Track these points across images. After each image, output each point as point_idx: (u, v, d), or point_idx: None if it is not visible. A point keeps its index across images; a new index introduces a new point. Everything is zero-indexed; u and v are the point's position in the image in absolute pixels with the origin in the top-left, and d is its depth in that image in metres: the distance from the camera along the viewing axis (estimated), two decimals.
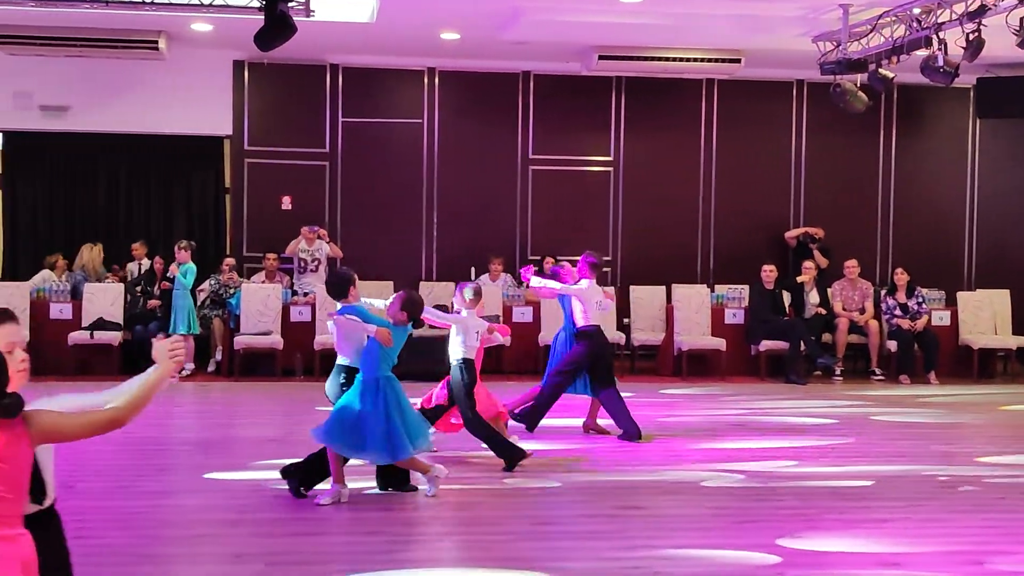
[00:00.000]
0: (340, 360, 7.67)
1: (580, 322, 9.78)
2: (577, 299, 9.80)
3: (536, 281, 10.07)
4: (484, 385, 8.79)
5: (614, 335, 14.23)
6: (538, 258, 14.44)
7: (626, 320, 14.61)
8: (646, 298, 14.74)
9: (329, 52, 14.65)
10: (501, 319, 13.95)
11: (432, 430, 8.05)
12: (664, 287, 14.80)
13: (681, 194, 15.62)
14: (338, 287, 7.63)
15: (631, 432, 9.71)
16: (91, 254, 14.05)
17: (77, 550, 6.26)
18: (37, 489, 3.58)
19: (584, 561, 6.10)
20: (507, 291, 14.40)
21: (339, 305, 7.60)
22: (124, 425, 3.53)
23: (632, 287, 14.78)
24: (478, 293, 8.73)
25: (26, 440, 3.37)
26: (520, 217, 15.37)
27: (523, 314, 14.13)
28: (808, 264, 14.55)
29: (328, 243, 14.33)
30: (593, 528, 6.89)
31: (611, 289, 10.41)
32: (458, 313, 8.67)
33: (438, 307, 9.36)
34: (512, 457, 8.47)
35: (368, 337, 7.42)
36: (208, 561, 6.21)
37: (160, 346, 3.74)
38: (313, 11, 11.62)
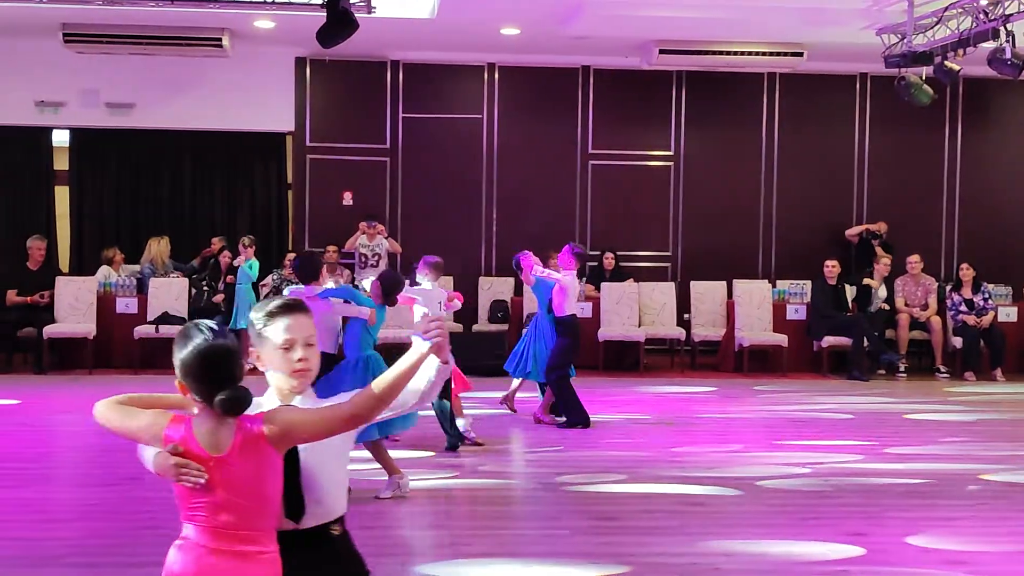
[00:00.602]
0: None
1: (562, 311, 10.07)
2: (561, 288, 10.06)
3: (539, 271, 10.32)
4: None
5: (674, 330, 14.20)
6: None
7: (686, 315, 14.54)
8: (707, 293, 14.66)
9: (389, 48, 14.71)
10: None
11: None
12: (725, 282, 14.70)
13: (742, 188, 15.51)
14: (308, 270, 7.73)
15: (579, 420, 9.92)
16: (159, 247, 14.22)
17: (155, 539, 6.40)
18: (292, 503, 3.03)
19: (645, 556, 6.08)
20: None
21: (322, 288, 7.64)
22: (368, 421, 2.99)
23: (693, 282, 14.70)
24: (438, 267, 9.20)
25: (264, 442, 2.91)
26: (579, 212, 15.35)
27: (582, 309, 14.08)
28: (885, 260, 14.35)
29: (386, 238, 14.41)
30: (653, 524, 6.86)
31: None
32: (419, 286, 9.04)
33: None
34: (456, 440, 8.80)
35: (351, 319, 7.49)
36: None
37: (423, 320, 3.03)
38: (374, 8, 11.68)
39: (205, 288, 14.11)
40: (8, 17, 13.18)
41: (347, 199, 14.95)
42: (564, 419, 10.07)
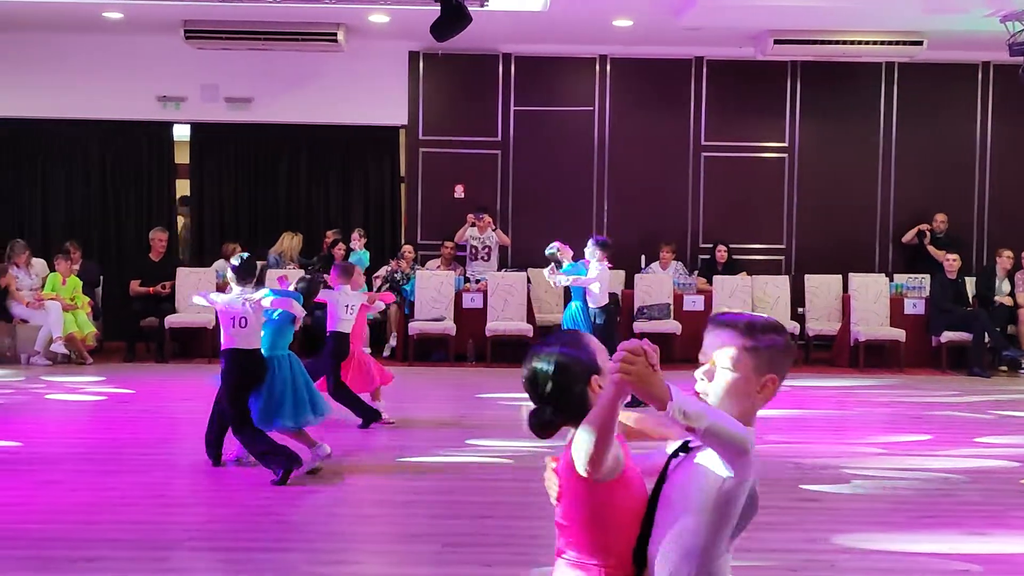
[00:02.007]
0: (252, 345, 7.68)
1: (601, 301, 10.85)
2: (598, 281, 10.82)
3: (564, 280, 11.19)
4: (371, 358, 10.01)
5: (788, 324, 14.00)
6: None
7: (800, 309, 14.34)
8: (821, 287, 14.43)
9: (502, 41, 14.77)
10: (672, 308, 13.89)
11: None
12: (840, 276, 14.46)
13: (858, 181, 15.23)
14: (247, 270, 7.77)
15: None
16: (291, 242, 14.49)
17: (270, 525, 6.54)
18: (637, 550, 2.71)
19: (760, 552, 6.01)
20: (678, 279, 14.29)
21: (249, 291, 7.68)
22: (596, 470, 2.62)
23: (807, 276, 14.49)
24: (347, 271, 9.58)
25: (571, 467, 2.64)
26: (691, 204, 15.23)
27: (694, 303, 14.02)
28: (952, 256, 13.99)
29: (494, 230, 14.46)
30: (769, 519, 6.75)
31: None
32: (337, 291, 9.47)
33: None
34: (369, 417, 9.44)
35: (274, 319, 7.81)
36: (386, 540, 6.34)
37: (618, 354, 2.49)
38: (487, 1, 11.71)
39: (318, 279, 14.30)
40: (133, 15, 13.54)
41: (458, 192, 15.06)
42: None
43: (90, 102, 14.63)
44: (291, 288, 8.16)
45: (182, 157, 15.55)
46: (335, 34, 13.80)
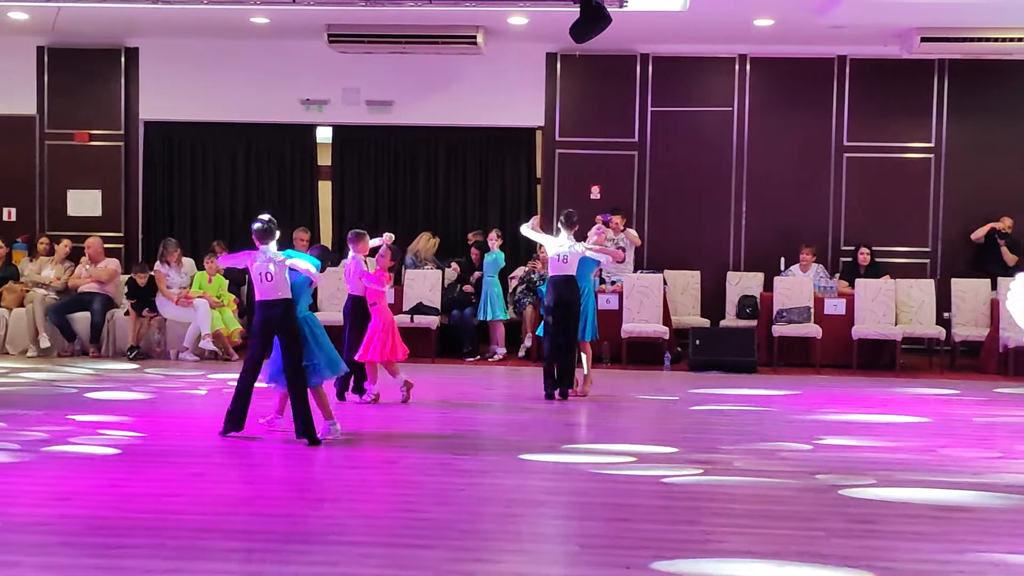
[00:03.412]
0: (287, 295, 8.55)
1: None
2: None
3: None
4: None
5: (933, 329, 13.63)
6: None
7: (946, 314, 13.94)
8: (969, 291, 13.99)
9: (640, 42, 14.69)
10: (812, 311, 13.61)
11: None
12: (988, 280, 14.01)
13: (1008, 182, 14.73)
14: (268, 232, 8.62)
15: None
16: (428, 244, 14.64)
17: (410, 521, 6.59)
18: None
19: (908, 563, 5.84)
20: (818, 282, 14.02)
21: (271, 250, 8.57)
22: None
23: (954, 280, 14.07)
24: (359, 237, 10.44)
25: None
26: (833, 206, 14.92)
27: (835, 307, 13.74)
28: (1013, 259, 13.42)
29: (623, 230, 14.33)
30: (917, 529, 6.58)
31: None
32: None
33: None
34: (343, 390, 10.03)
35: (296, 283, 8.60)
36: (523, 540, 6.28)
37: None
38: (626, 2, 11.66)
39: (455, 280, 14.44)
40: (278, 20, 13.84)
41: (595, 193, 15.02)
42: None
43: (237, 105, 15.02)
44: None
45: (324, 159, 15.84)
46: (474, 37, 13.90)
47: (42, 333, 13.71)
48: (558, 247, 10.89)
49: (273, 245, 8.64)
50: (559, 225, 11.06)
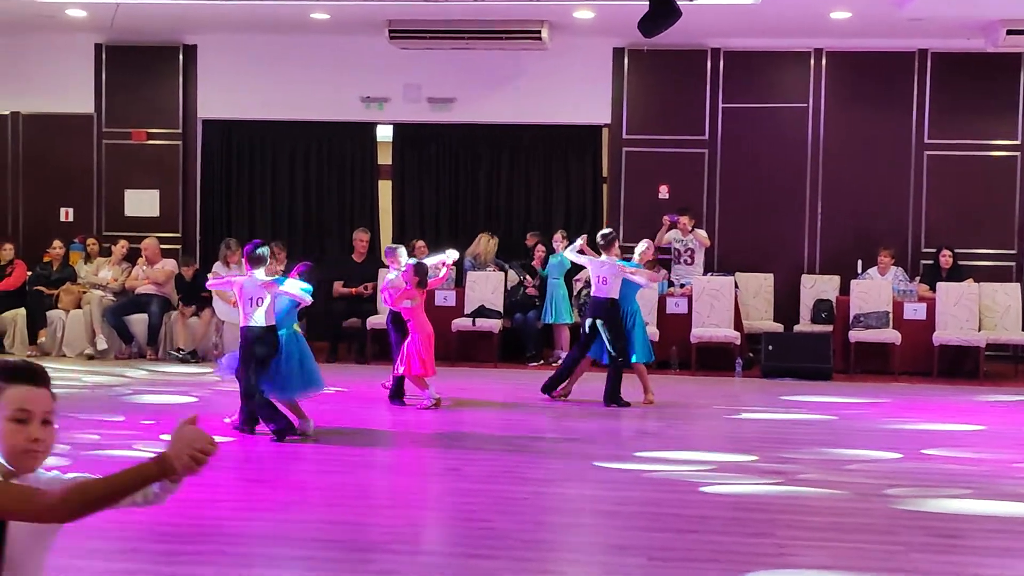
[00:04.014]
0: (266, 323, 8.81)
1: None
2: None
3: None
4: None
5: (1019, 335, 13.07)
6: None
7: None
8: None
9: (710, 36, 14.25)
10: (891, 316, 13.13)
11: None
12: None
13: None
14: (259, 258, 8.91)
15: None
16: (487, 244, 14.31)
17: (471, 531, 6.34)
18: None
19: None
20: (897, 286, 13.48)
21: (261, 277, 8.87)
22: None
23: None
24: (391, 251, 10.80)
25: None
26: (913, 206, 14.34)
27: (915, 311, 13.21)
28: None
29: (691, 231, 13.86)
30: (1004, 544, 6.20)
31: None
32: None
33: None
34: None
35: (285, 303, 8.97)
36: (590, 551, 6.12)
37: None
38: None
39: (519, 282, 14.13)
40: (339, 16, 13.63)
41: (663, 192, 14.58)
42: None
43: (297, 103, 14.80)
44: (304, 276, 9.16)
45: (384, 158, 15.59)
46: (539, 32, 13.57)
47: (99, 335, 13.60)
48: (599, 269, 10.77)
49: (262, 272, 8.94)
50: (600, 246, 11.00)
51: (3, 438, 2.70)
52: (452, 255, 11.18)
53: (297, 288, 8.89)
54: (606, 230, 11.27)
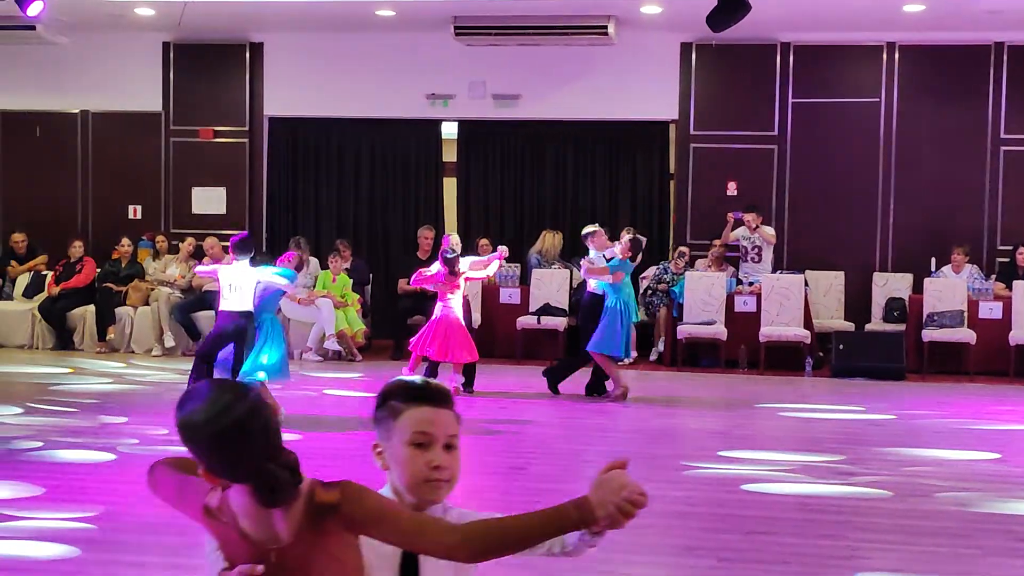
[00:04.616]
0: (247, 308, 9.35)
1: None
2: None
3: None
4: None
5: None
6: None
7: None
8: None
9: (780, 30, 14.01)
10: (965, 315, 12.83)
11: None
12: None
13: None
14: (246, 247, 9.39)
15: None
16: (552, 241, 14.21)
17: None
18: None
19: None
20: (972, 284, 13.16)
21: (245, 264, 9.35)
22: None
23: None
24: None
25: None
26: (988, 203, 13.98)
27: (991, 310, 12.91)
28: None
29: (755, 228, 13.63)
30: None
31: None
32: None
33: None
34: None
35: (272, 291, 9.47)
36: (659, 552, 6.00)
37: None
38: None
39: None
40: (405, 13, 13.61)
41: (731, 189, 14.37)
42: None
43: (362, 100, 14.79)
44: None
45: (449, 155, 15.54)
46: (605, 27, 13.44)
47: (167, 332, 13.69)
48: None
49: (246, 260, 9.38)
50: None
51: (403, 465, 2.42)
52: (502, 250, 11.35)
53: (275, 276, 9.36)
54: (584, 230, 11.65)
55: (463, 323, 10.67)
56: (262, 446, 2.27)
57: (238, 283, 9.33)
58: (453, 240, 11.27)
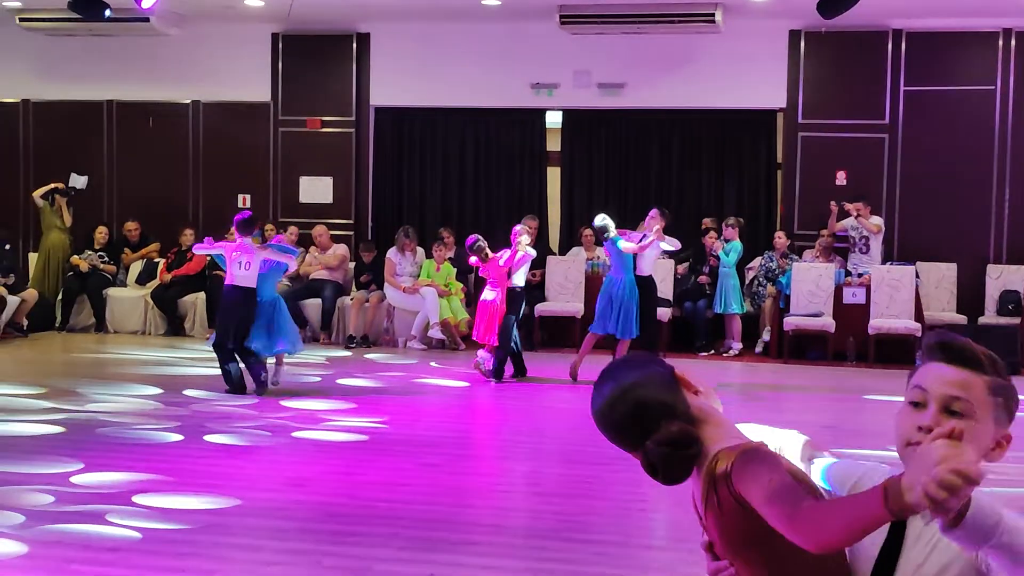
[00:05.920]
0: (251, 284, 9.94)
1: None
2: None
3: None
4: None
5: None
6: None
7: None
8: None
9: (892, 16, 13.70)
10: None
11: None
12: None
13: None
14: (249, 225, 10.16)
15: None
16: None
17: (643, 520, 6.21)
18: None
19: None
20: None
21: (250, 242, 10.05)
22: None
23: None
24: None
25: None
26: None
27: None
28: None
29: (857, 217, 13.35)
30: None
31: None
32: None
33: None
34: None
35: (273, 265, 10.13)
36: None
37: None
38: None
39: (688, 270, 13.91)
40: (510, 2, 13.58)
41: (840, 179, 14.11)
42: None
43: (467, 90, 14.80)
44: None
45: (553, 144, 15.50)
46: (713, 15, 13.28)
47: None
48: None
49: (249, 239, 10.08)
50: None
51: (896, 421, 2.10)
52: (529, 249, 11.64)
53: (278, 253, 10.13)
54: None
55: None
56: (631, 429, 2.23)
57: (245, 260, 9.89)
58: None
